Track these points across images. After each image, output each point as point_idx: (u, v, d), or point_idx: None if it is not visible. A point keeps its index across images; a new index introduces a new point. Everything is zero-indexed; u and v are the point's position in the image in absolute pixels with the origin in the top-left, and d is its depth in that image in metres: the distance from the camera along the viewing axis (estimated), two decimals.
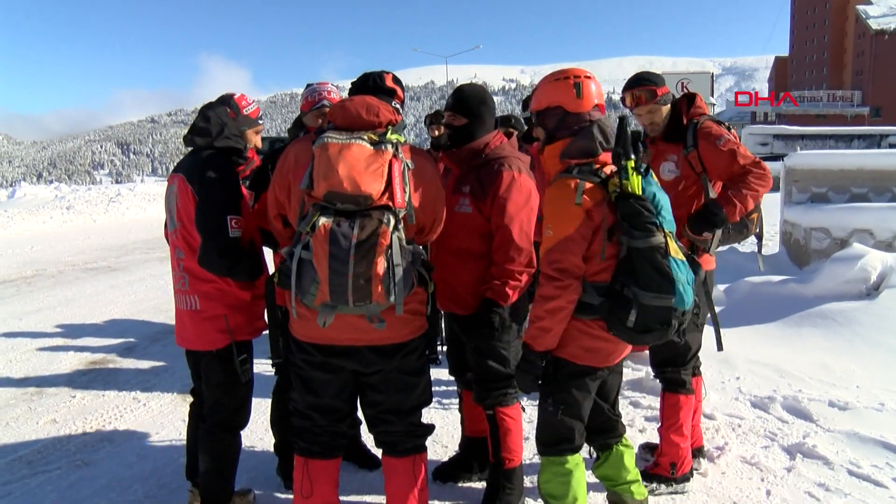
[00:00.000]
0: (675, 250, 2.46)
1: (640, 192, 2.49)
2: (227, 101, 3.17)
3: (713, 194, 3.47)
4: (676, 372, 3.57)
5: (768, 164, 3.50)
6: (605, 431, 2.94)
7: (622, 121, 2.57)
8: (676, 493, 3.53)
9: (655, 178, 2.67)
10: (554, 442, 2.77)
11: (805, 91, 68.77)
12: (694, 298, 2.55)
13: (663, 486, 3.53)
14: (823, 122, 53.61)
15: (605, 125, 2.64)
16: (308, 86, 3.58)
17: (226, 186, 2.95)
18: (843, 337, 5.58)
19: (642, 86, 3.48)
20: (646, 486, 3.51)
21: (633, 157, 2.52)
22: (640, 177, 2.51)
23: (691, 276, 2.49)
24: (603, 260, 2.56)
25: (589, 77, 2.78)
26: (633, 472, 2.97)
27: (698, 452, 3.81)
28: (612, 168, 2.58)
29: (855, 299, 6.11)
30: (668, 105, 3.53)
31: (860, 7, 71.04)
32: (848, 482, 3.55)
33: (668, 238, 2.45)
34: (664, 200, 2.59)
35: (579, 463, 2.78)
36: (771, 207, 11.08)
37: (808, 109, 61.81)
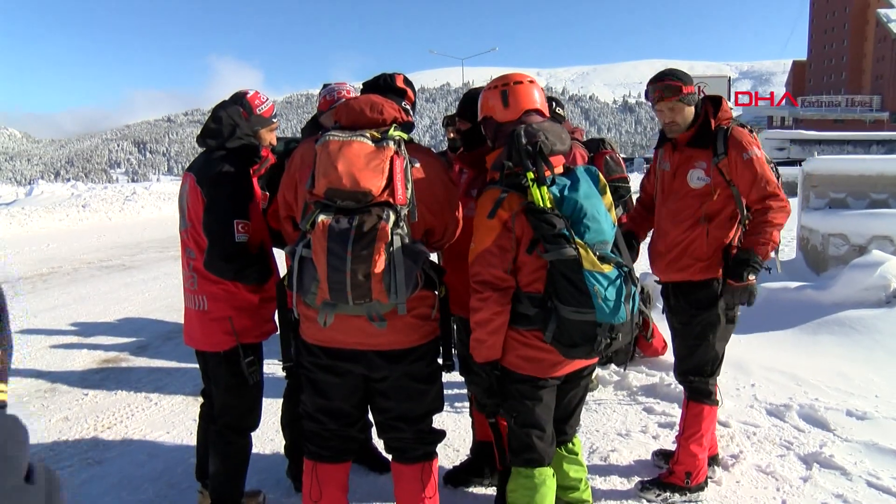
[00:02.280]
0: (593, 263, 2.36)
1: (547, 204, 2.41)
2: (239, 100, 3.13)
3: (743, 203, 3.36)
4: (704, 382, 3.50)
5: (785, 169, 3.42)
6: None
7: (513, 133, 2.53)
8: (690, 502, 3.48)
9: (591, 185, 2.57)
10: (518, 450, 2.73)
11: (823, 96, 68.21)
12: (637, 313, 2.49)
13: (677, 496, 3.48)
14: (842, 126, 53.07)
15: (533, 131, 2.54)
16: (325, 86, 3.54)
17: (234, 190, 2.93)
18: (862, 345, 5.50)
19: (666, 80, 3.33)
20: (658, 495, 3.48)
21: (531, 168, 2.45)
22: (544, 187, 2.43)
23: (617, 290, 2.39)
24: (510, 272, 2.52)
25: (520, 82, 2.71)
26: (571, 480, 2.94)
27: (713, 460, 3.75)
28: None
29: (874, 307, 6.02)
30: (693, 107, 3.38)
31: (881, 11, 70.45)
32: (867, 494, 3.48)
33: (583, 251, 2.36)
34: (593, 209, 2.49)
35: (547, 479, 2.71)
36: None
37: (827, 114, 61.29)
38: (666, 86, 3.32)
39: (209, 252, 2.88)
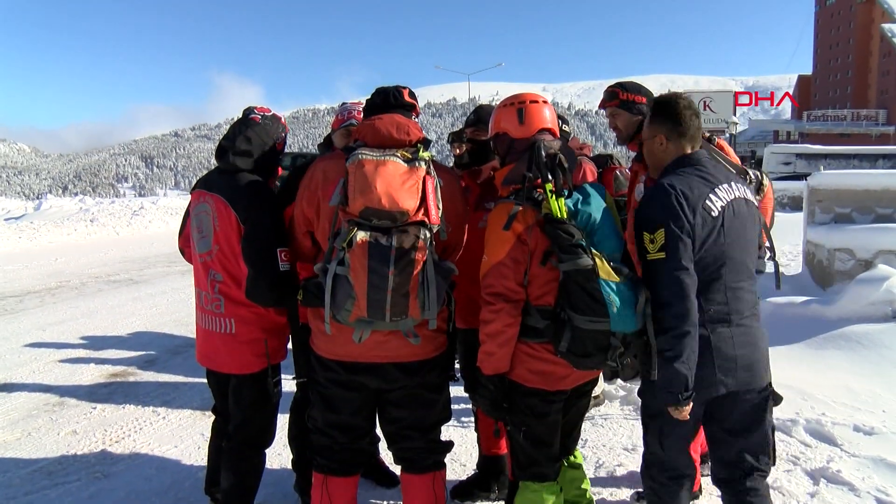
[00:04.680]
0: (608, 272, 2.40)
1: (563, 215, 2.45)
2: (277, 125, 3.13)
3: None
4: None
5: (791, 184, 3.46)
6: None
7: (534, 147, 2.59)
8: None
9: (601, 199, 2.63)
10: (525, 465, 2.74)
11: (829, 110, 68.19)
12: (646, 324, 2.51)
13: None
14: (847, 141, 52.99)
15: (549, 148, 2.61)
16: (342, 104, 3.59)
17: (275, 217, 2.93)
18: (869, 360, 5.48)
19: (609, 87, 3.48)
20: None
21: (550, 180, 2.50)
22: (561, 199, 2.49)
23: (631, 298, 2.42)
24: (525, 284, 2.55)
25: (535, 101, 2.77)
26: (575, 492, 2.95)
27: (704, 458, 3.81)
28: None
29: (880, 321, 6.01)
30: (634, 115, 3.39)
31: (885, 25, 70.46)
32: None
33: (598, 260, 2.40)
34: (604, 222, 2.55)
35: (555, 494, 2.74)
36: (794, 227, 10.99)
37: (832, 128, 61.21)
38: (608, 92, 3.46)
39: (253, 281, 2.86)
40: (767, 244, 3.63)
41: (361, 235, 2.36)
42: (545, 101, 2.81)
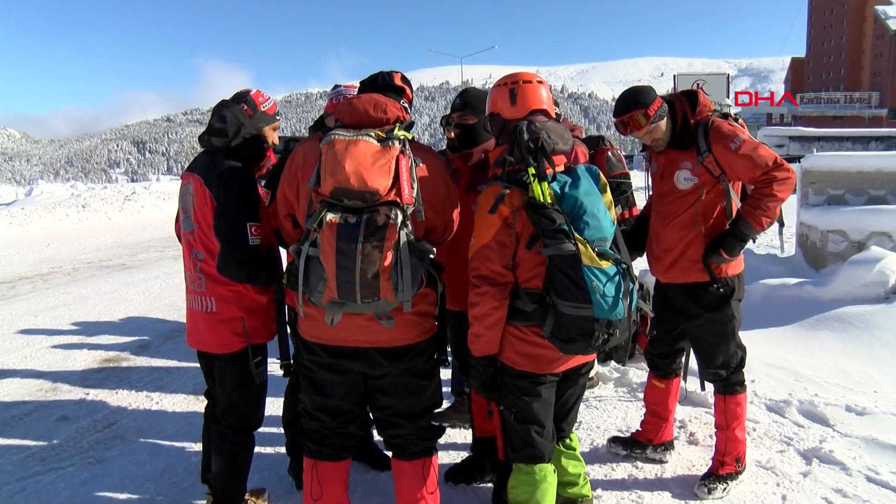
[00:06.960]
0: (592, 258, 2.38)
1: (548, 199, 2.43)
2: (243, 98, 3.10)
3: (735, 196, 3.34)
4: (736, 374, 3.59)
5: None
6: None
7: (515, 129, 2.55)
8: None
9: (591, 183, 2.59)
10: (517, 447, 2.74)
11: (822, 92, 68.18)
12: (635, 310, 2.50)
13: (734, 483, 3.55)
14: (840, 123, 53.08)
15: (536, 129, 2.55)
16: (336, 87, 3.55)
17: (245, 192, 2.92)
18: (861, 341, 5.50)
19: (630, 112, 3.31)
20: (724, 489, 3.51)
21: (532, 164, 2.47)
22: (545, 183, 2.45)
23: (615, 286, 2.40)
24: (512, 267, 2.55)
25: (529, 82, 2.73)
26: (570, 475, 2.94)
27: (669, 446, 3.91)
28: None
29: (873, 303, 6.03)
30: (665, 117, 3.35)
31: (879, 7, 70.40)
32: (866, 489, 3.49)
33: (582, 246, 2.38)
34: (593, 206, 2.51)
35: (548, 475, 2.73)
36: (787, 209, 10.97)
37: (825, 111, 61.23)
38: (631, 118, 3.32)
39: (222, 256, 2.86)
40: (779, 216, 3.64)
41: (331, 216, 2.33)
42: (540, 81, 2.77)
